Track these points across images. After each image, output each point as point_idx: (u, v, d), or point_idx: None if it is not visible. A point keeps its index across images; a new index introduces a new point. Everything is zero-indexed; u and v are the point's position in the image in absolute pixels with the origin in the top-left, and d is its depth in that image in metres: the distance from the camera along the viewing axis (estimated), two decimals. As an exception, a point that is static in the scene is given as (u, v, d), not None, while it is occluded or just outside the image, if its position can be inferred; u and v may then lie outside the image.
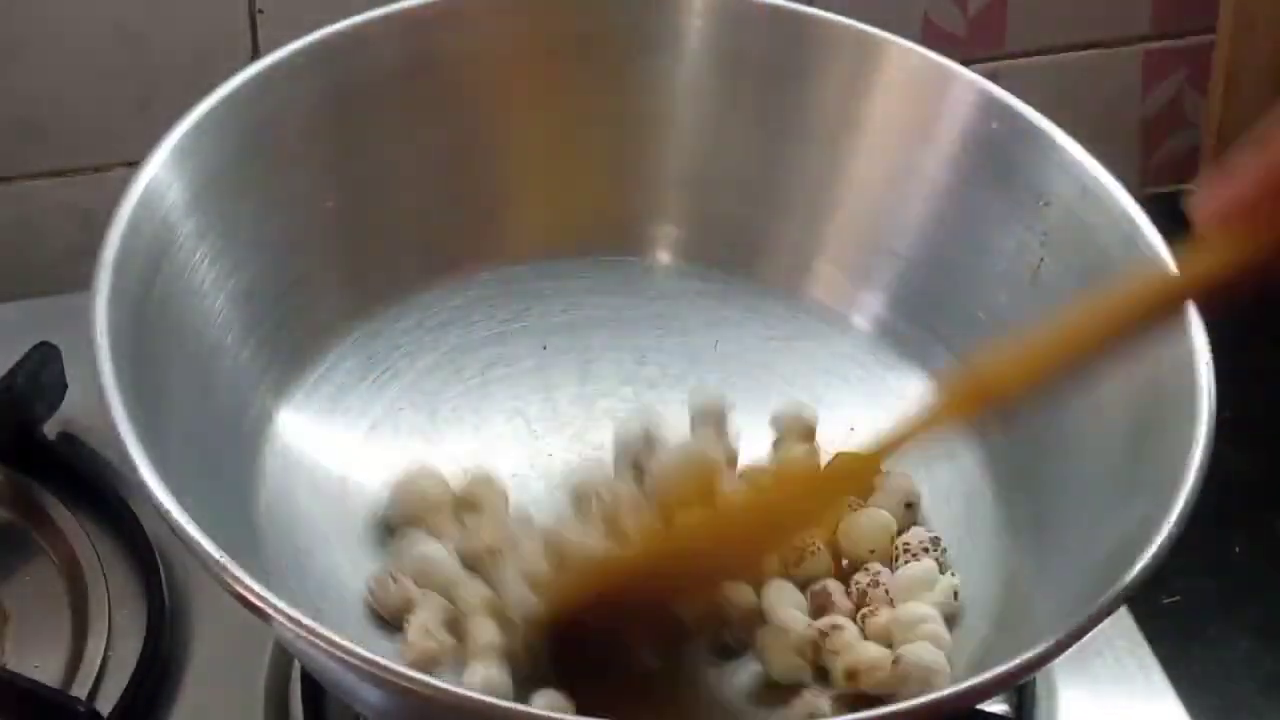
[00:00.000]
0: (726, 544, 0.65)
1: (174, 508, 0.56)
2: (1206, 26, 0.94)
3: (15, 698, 0.67)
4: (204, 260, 0.67)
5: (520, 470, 0.71)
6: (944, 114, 0.72)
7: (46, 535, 0.75)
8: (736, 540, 0.65)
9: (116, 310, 0.61)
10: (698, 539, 0.65)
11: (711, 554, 0.64)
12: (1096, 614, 0.56)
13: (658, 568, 0.64)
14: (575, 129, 0.75)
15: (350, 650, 0.54)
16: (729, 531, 0.65)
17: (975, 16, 0.93)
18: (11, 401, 0.76)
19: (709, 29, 0.75)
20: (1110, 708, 0.71)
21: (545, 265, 0.76)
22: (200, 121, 0.68)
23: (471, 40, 0.74)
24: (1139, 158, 0.99)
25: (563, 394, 0.74)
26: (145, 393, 0.60)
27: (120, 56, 0.86)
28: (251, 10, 0.85)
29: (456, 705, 0.54)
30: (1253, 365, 0.61)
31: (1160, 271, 0.63)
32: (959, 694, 0.55)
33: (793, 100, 0.75)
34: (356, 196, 0.73)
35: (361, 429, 0.72)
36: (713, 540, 0.65)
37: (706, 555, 0.64)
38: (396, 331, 0.74)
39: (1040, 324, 0.59)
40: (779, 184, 0.75)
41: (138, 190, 0.65)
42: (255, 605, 0.55)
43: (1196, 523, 0.59)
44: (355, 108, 0.72)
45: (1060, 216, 0.70)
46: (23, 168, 0.87)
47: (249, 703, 0.69)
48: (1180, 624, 0.78)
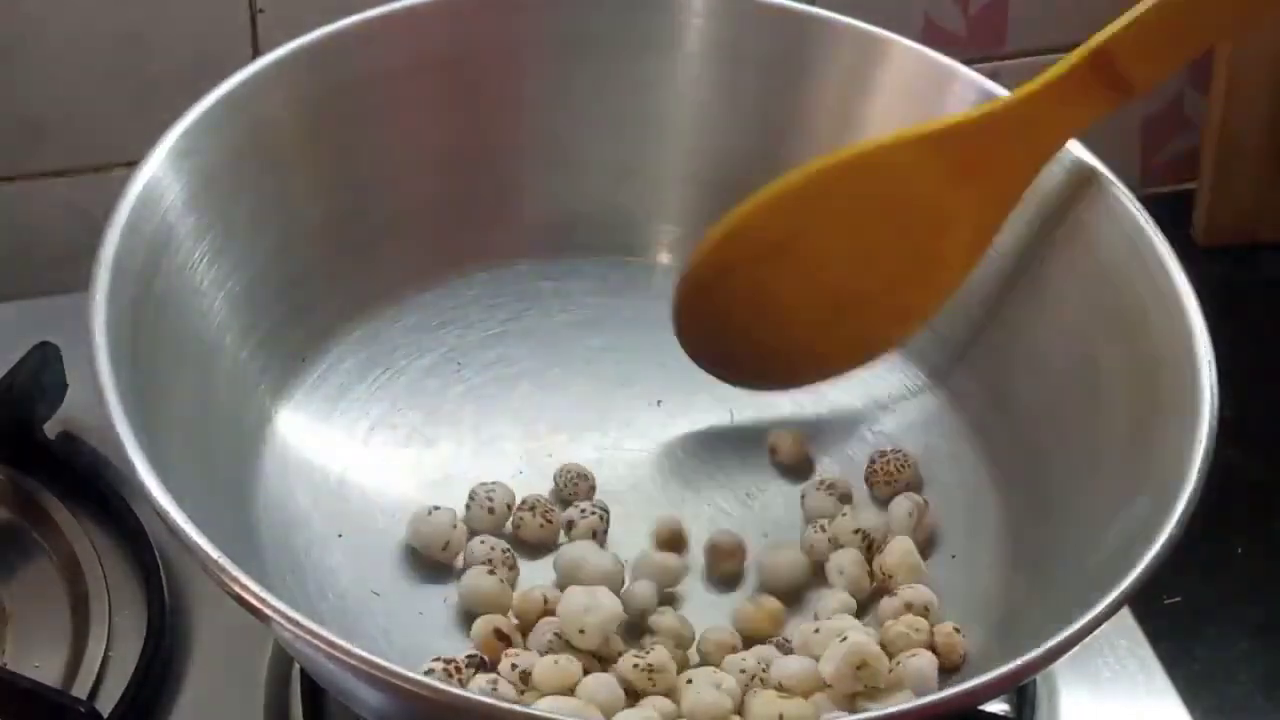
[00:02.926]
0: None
1: (172, 508, 0.56)
2: (1207, 26, 0.94)
3: (15, 698, 0.67)
4: (203, 260, 0.67)
5: (520, 470, 0.71)
6: (944, 113, 0.72)
7: (47, 535, 0.74)
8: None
9: (116, 310, 0.61)
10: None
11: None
12: (1098, 616, 0.56)
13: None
14: (575, 129, 0.75)
15: (350, 651, 0.54)
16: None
17: (975, 16, 0.93)
18: (11, 401, 0.76)
19: (709, 29, 0.75)
20: (1111, 707, 0.71)
21: (545, 265, 0.76)
22: (199, 121, 0.68)
23: (471, 40, 0.74)
24: (1139, 158, 0.99)
25: (562, 394, 0.74)
26: (145, 393, 0.60)
27: (120, 56, 0.85)
28: (251, 10, 0.85)
29: (456, 706, 0.54)
30: (1253, 365, 0.61)
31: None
32: (960, 695, 0.55)
33: (793, 100, 0.75)
34: (356, 196, 0.73)
35: (361, 429, 0.72)
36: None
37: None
38: (396, 331, 0.74)
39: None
40: (779, 184, 0.75)
41: (137, 190, 0.65)
42: (254, 606, 0.55)
43: (1197, 523, 0.59)
44: (355, 108, 0.72)
45: (1060, 216, 0.70)
46: (23, 168, 0.87)
47: (249, 703, 0.69)
48: (1180, 624, 0.78)
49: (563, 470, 0.71)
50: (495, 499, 0.69)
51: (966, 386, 0.72)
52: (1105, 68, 0.65)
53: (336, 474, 0.70)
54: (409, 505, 0.69)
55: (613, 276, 0.76)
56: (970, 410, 0.72)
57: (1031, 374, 0.70)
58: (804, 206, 0.69)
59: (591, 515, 0.69)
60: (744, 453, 0.73)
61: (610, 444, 0.73)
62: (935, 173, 0.68)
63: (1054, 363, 0.69)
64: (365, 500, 0.70)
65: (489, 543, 0.68)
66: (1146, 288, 0.66)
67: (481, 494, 0.69)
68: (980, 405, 0.71)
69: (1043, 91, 0.66)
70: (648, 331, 0.75)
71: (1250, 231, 0.96)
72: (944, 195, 0.68)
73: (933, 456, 0.71)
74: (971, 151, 0.68)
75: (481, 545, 0.68)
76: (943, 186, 0.68)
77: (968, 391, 0.72)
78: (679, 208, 0.77)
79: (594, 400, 0.74)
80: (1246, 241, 0.96)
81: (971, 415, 0.72)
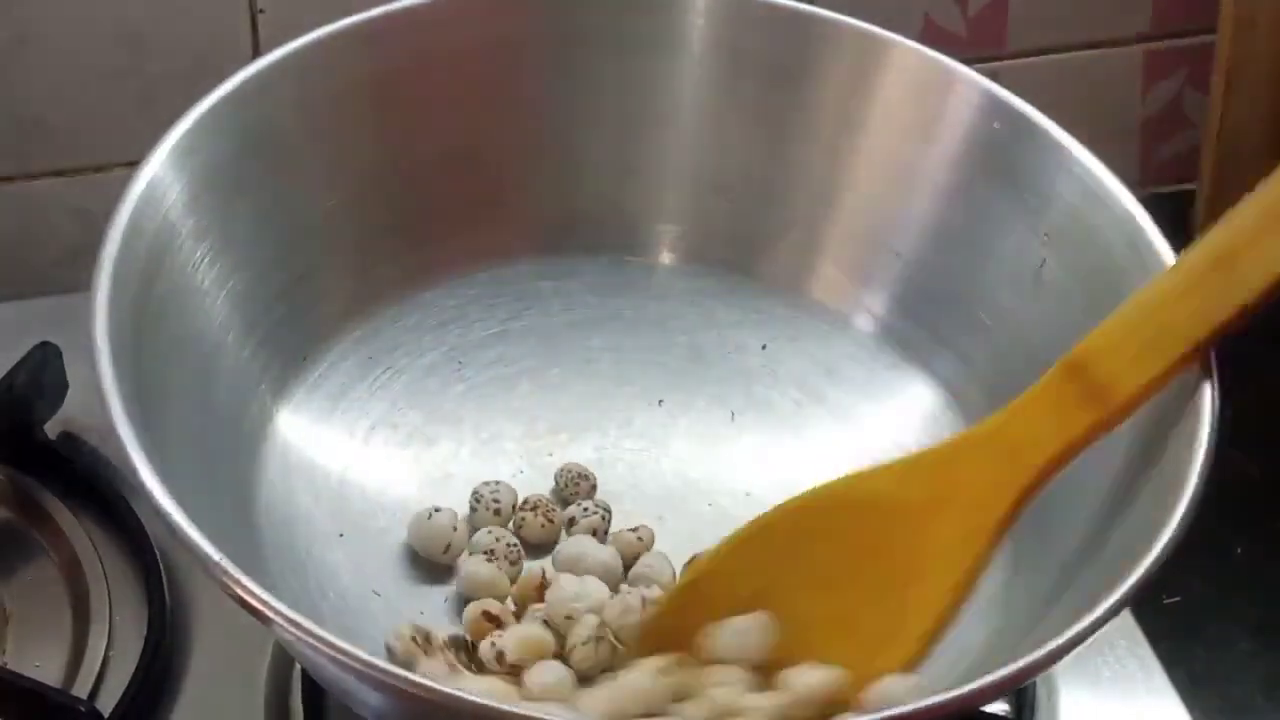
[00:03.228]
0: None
1: (173, 509, 0.56)
2: (1206, 26, 0.94)
3: (16, 697, 0.67)
4: (204, 260, 0.67)
5: (520, 470, 0.71)
6: (946, 114, 0.72)
7: (47, 535, 0.74)
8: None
9: (116, 310, 0.61)
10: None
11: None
12: (1099, 617, 0.56)
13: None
14: (575, 129, 0.75)
15: (350, 652, 0.54)
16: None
17: (975, 16, 0.93)
18: (12, 401, 0.76)
19: (709, 29, 0.75)
20: (1111, 707, 0.71)
21: (545, 265, 0.76)
22: (200, 121, 0.68)
23: (471, 39, 0.74)
24: (1139, 158, 0.99)
25: (563, 394, 0.74)
26: (145, 393, 0.60)
27: (120, 56, 0.85)
28: (252, 10, 0.85)
29: (456, 707, 0.54)
30: (1253, 365, 0.61)
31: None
32: (961, 697, 0.55)
33: (794, 100, 0.75)
34: (356, 196, 0.73)
35: (361, 429, 0.72)
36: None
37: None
38: (396, 331, 0.74)
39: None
40: (780, 184, 0.75)
41: (138, 190, 0.65)
42: (254, 607, 0.55)
43: (1197, 522, 0.59)
44: (355, 107, 0.72)
45: (1062, 216, 0.70)
46: (23, 168, 0.87)
47: (249, 703, 0.69)
48: (1181, 624, 0.78)
49: (563, 470, 0.71)
50: (501, 499, 0.69)
51: (966, 386, 0.72)
52: (1079, 378, 0.60)
53: (337, 473, 0.70)
54: (409, 505, 0.69)
55: (613, 276, 0.76)
56: (970, 410, 0.72)
57: (1032, 374, 0.70)
58: (773, 557, 0.63)
59: (594, 515, 0.69)
60: (744, 452, 0.73)
61: (610, 444, 0.73)
62: (907, 507, 0.61)
63: (1054, 362, 0.69)
64: (366, 500, 0.70)
65: (495, 533, 0.68)
66: (1147, 288, 0.66)
67: (487, 495, 0.69)
68: (980, 405, 0.71)
69: (1015, 411, 0.62)
70: (648, 331, 0.75)
71: (1250, 231, 0.96)
72: (920, 531, 0.61)
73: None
74: (943, 481, 0.61)
75: (487, 535, 0.68)
76: (918, 521, 0.61)
77: (968, 392, 0.72)
78: (679, 208, 0.76)
79: (594, 400, 0.74)
80: (1246, 241, 0.96)
81: (971, 415, 0.72)
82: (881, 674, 0.59)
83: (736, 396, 0.74)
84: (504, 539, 0.68)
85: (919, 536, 0.61)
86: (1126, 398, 0.60)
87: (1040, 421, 0.60)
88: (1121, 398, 0.60)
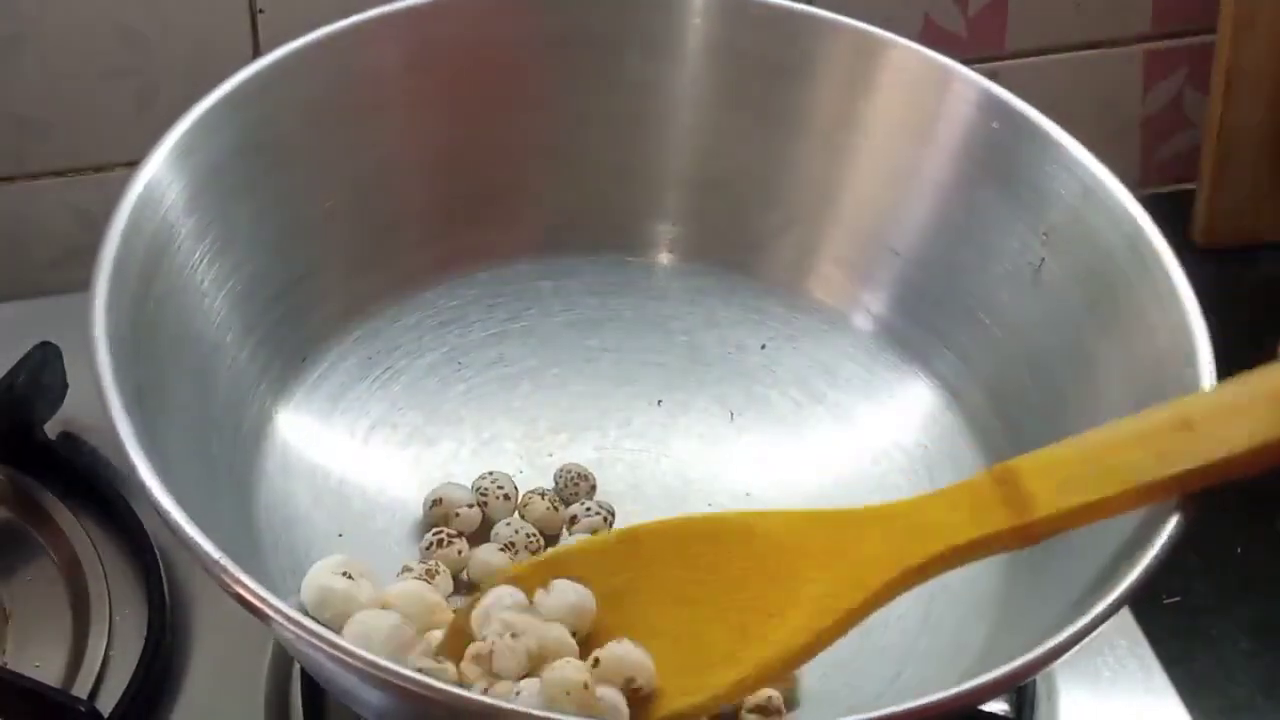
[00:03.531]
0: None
1: (173, 508, 0.56)
2: (1206, 26, 0.94)
3: (16, 697, 0.67)
4: (204, 259, 0.67)
5: (520, 470, 0.71)
6: (945, 113, 0.72)
7: (47, 535, 0.74)
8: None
9: (116, 310, 0.61)
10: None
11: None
12: (1098, 616, 0.56)
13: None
14: (575, 129, 0.75)
15: (350, 651, 0.54)
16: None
17: (975, 16, 0.93)
18: (12, 401, 0.76)
19: (709, 29, 0.75)
20: (1111, 707, 0.71)
21: (545, 265, 0.76)
22: (200, 121, 0.68)
23: (471, 39, 0.74)
24: (1139, 158, 0.99)
25: (562, 394, 0.74)
26: (145, 393, 0.60)
27: (120, 56, 0.85)
28: (252, 10, 0.85)
29: (456, 706, 0.54)
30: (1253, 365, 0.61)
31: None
32: (960, 695, 0.55)
33: (793, 100, 0.75)
34: (356, 195, 0.73)
35: (361, 429, 0.72)
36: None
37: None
38: (396, 331, 0.74)
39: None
40: (779, 184, 0.75)
41: (137, 189, 0.65)
42: (255, 606, 0.55)
43: (1197, 522, 0.59)
44: (355, 106, 0.72)
45: (1061, 216, 0.70)
46: (23, 167, 0.87)
47: (249, 703, 0.69)
48: (1181, 624, 0.77)
49: (563, 470, 0.71)
50: (505, 486, 0.70)
51: (966, 385, 0.72)
52: (1007, 484, 0.60)
53: (337, 473, 0.70)
54: (410, 505, 0.69)
55: (613, 276, 0.76)
56: (970, 410, 0.72)
57: (1031, 374, 0.70)
58: (640, 563, 0.62)
59: (595, 515, 0.69)
60: (743, 452, 0.73)
61: (610, 444, 0.73)
62: (797, 550, 0.61)
63: (1054, 363, 0.69)
64: (366, 500, 0.70)
65: (514, 525, 0.69)
66: (1146, 288, 0.66)
67: (493, 487, 0.69)
68: (980, 405, 0.71)
69: (938, 494, 0.62)
70: (648, 331, 0.75)
71: (1250, 231, 0.97)
72: (798, 575, 0.60)
73: (933, 456, 0.71)
74: (840, 538, 0.61)
75: (506, 528, 0.68)
76: (800, 565, 0.60)
77: (968, 392, 0.72)
78: (678, 207, 0.77)
79: (594, 400, 0.74)
80: (1246, 241, 0.96)
81: (971, 415, 0.72)
82: (709, 689, 0.59)
83: (736, 396, 0.74)
84: (523, 529, 0.68)
85: (795, 579, 0.60)
86: (1044, 516, 0.59)
87: (957, 510, 0.60)
88: (1039, 514, 0.59)
